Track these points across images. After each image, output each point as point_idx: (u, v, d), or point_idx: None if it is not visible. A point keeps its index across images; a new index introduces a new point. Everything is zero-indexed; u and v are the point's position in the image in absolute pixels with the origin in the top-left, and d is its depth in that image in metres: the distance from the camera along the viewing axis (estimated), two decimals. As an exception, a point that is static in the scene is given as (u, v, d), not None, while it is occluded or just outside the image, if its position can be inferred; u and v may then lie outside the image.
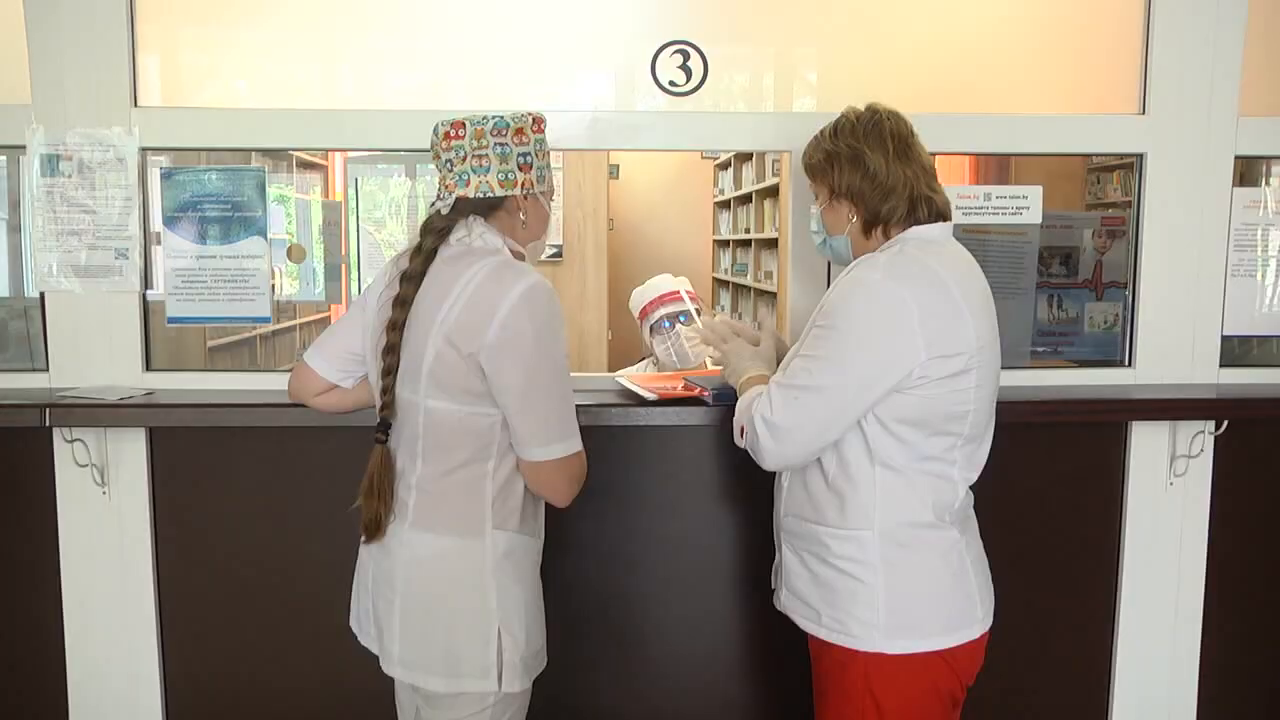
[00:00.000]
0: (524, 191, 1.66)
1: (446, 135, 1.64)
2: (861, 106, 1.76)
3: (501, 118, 1.64)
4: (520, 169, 1.65)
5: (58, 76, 2.26)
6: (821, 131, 1.76)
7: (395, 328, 1.60)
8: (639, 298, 2.76)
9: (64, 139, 2.27)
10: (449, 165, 1.64)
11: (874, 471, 1.63)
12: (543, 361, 1.57)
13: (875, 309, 1.57)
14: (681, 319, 2.76)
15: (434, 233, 1.63)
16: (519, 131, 1.65)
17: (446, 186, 1.65)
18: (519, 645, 1.63)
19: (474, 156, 1.63)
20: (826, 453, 1.66)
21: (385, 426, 1.64)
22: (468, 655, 1.60)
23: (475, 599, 1.61)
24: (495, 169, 1.63)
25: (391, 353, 1.61)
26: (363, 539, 1.69)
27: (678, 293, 2.76)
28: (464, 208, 1.64)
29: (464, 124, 1.63)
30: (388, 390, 1.63)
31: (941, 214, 1.69)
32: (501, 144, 1.63)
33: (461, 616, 1.61)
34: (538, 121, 1.68)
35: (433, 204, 1.68)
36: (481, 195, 1.63)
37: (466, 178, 1.63)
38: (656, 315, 2.78)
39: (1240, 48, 2.36)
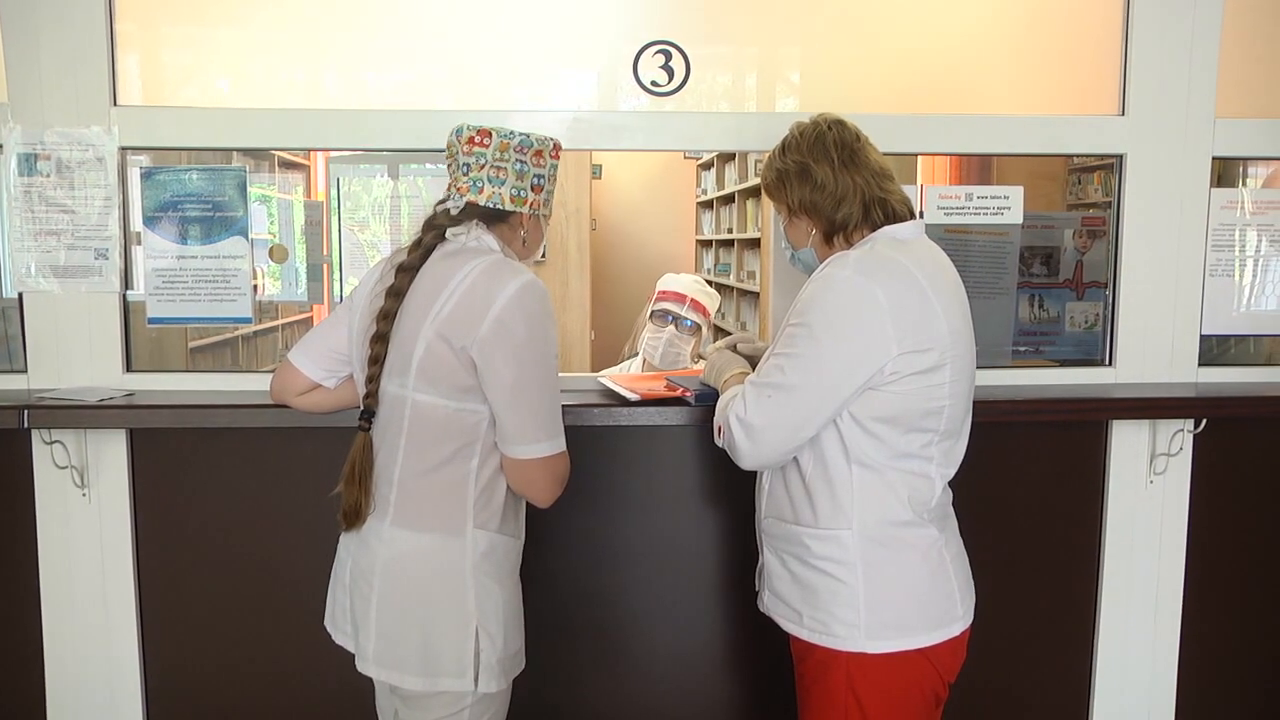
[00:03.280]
0: (531, 211, 1.70)
1: (470, 140, 1.66)
2: (812, 117, 1.78)
3: (527, 136, 1.67)
4: (533, 190, 1.69)
5: (35, 75, 2.24)
6: (773, 151, 1.79)
7: (387, 317, 1.61)
8: (662, 282, 2.91)
9: (42, 138, 2.25)
10: (465, 169, 1.67)
11: (851, 470, 1.63)
12: (534, 358, 1.58)
13: (845, 304, 1.58)
14: (686, 322, 2.81)
15: (435, 230, 1.65)
16: (538, 154, 1.69)
17: (459, 189, 1.67)
18: (496, 646, 1.63)
19: (493, 166, 1.66)
20: (803, 453, 1.66)
21: (369, 415, 1.65)
22: (445, 654, 1.60)
23: (454, 598, 1.61)
24: (510, 184, 1.66)
25: (380, 341, 1.62)
26: (342, 528, 1.68)
27: (685, 296, 2.82)
28: (471, 213, 1.67)
29: (490, 133, 1.65)
30: (373, 379, 1.63)
31: (898, 213, 1.70)
32: (522, 161, 1.67)
33: (439, 615, 1.61)
34: (556, 148, 1.72)
35: (440, 202, 1.69)
36: (492, 205, 1.66)
37: (481, 185, 1.66)
38: (662, 305, 2.85)
39: (1217, 51, 2.38)
